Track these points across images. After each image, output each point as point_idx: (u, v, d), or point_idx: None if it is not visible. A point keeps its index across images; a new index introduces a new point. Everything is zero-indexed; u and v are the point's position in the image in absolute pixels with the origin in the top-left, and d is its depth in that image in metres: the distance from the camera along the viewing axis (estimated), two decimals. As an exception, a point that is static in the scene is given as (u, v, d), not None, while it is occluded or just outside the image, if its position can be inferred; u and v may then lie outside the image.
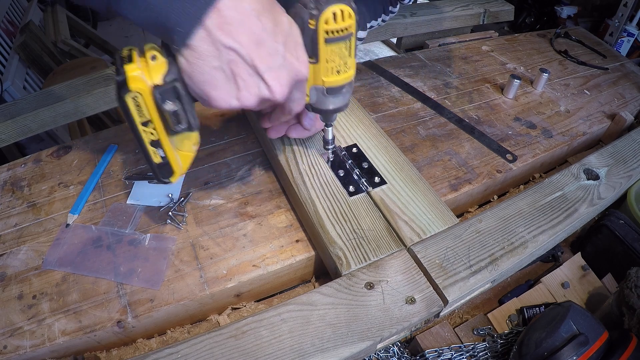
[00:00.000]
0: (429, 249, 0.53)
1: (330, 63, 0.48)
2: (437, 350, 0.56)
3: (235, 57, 0.39)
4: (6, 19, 2.12)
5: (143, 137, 0.44)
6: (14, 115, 0.83)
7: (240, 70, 0.40)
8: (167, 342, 0.54)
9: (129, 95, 0.40)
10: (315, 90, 0.51)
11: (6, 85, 1.81)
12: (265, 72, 0.41)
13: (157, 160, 0.47)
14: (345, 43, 0.46)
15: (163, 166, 0.48)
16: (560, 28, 1.20)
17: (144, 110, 0.42)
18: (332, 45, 0.46)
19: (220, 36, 0.37)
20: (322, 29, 0.44)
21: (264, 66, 0.40)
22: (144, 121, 0.43)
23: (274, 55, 0.41)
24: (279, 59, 0.41)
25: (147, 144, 0.45)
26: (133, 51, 0.41)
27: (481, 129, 0.82)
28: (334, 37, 0.45)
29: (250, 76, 0.41)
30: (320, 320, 0.46)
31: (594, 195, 0.63)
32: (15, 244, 0.59)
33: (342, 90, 0.51)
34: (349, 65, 0.49)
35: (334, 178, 0.62)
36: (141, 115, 0.42)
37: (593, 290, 0.64)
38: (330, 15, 0.44)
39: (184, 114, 0.43)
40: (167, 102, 0.41)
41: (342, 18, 0.44)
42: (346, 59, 0.48)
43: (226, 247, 0.59)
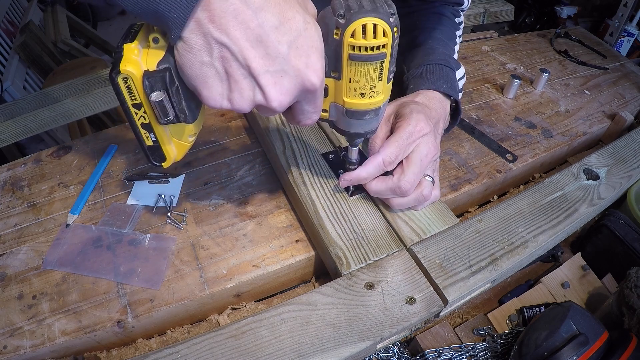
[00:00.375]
0: (429, 249, 0.53)
1: (354, 83, 0.41)
2: (437, 350, 0.56)
3: (228, 54, 0.35)
4: (6, 19, 2.12)
5: (134, 118, 0.41)
6: (14, 115, 0.83)
7: (233, 69, 0.36)
8: (167, 342, 0.54)
9: (119, 76, 0.37)
10: (335, 108, 0.45)
11: (6, 85, 1.81)
12: (260, 76, 0.36)
13: (149, 143, 0.43)
14: (374, 65, 0.39)
15: (154, 150, 0.44)
16: (560, 28, 1.20)
17: (135, 93, 0.39)
18: (358, 65, 0.39)
19: (212, 29, 0.33)
20: (346, 42, 0.38)
21: (260, 68, 0.36)
22: (135, 103, 0.40)
23: (275, 57, 0.35)
24: (280, 62, 0.36)
25: (138, 125, 0.41)
26: (142, 28, 0.39)
27: (481, 129, 0.82)
28: (360, 54, 0.39)
29: (243, 77, 0.36)
30: (320, 320, 0.46)
31: (594, 195, 0.63)
32: (15, 244, 0.59)
33: (364, 115, 0.44)
34: (378, 91, 0.42)
35: (334, 178, 0.62)
36: (132, 97, 0.39)
37: (593, 290, 0.64)
38: (359, 28, 0.37)
39: (171, 106, 0.39)
40: (155, 91, 0.37)
41: (373, 34, 0.38)
42: (374, 83, 0.41)
43: (226, 247, 0.59)
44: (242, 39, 0.34)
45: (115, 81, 0.38)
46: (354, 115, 0.44)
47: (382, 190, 0.54)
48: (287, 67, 0.36)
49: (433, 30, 0.70)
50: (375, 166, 0.52)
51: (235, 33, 0.34)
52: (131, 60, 0.37)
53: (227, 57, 0.35)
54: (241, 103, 0.38)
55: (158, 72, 0.37)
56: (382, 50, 0.39)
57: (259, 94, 0.37)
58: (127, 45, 0.37)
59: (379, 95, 0.43)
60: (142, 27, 0.39)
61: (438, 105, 0.60)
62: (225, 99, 0.38)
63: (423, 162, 0.53)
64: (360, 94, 0.42)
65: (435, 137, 0.55)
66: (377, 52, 0.39)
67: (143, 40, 0.38)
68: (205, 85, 0.37)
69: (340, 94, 0.43)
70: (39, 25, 2.25)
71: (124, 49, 0.37)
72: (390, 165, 0.52)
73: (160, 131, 0.42)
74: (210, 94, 0.37)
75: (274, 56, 0.36)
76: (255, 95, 0.37)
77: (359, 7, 0.37)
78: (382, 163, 0.52)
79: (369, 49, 0.38)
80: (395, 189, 0.53)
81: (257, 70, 0.36)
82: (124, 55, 0.37)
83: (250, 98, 0.38)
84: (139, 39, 0.38)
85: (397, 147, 0.52)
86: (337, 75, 0.42)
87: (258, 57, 0.35)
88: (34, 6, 2.34)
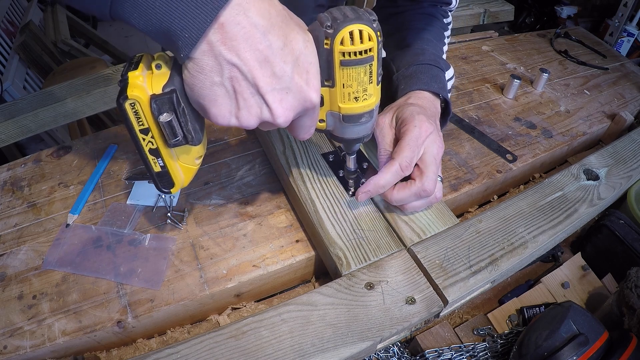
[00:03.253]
0: (429, 249, 0.53)
1: (347, 88, 0.44)
2: (437, 350, 0.56)
3: (238, 74, 0.37)
4: (6, 19, 2.12)
5: (142, 144, 0.43)
6: (14, 115, 0.83)
7: (242, 88, 0.38)
8: (167, 342, 0.54)
9: (127, 102, 0.39)
10: (331, 116, 0.47)
11: (6, 85, 1.81)
12: (267, 94, 0.38)
13: (157, 169, 0.45)
14: (364, 67, 0.42)
15: (163, 175, 0.46)
16: (560, 28, 1.20)
17: (142, 118, 0.41)
18: (349, 69, 0.42)
19: (223, 51, 0.35)
20: (337, 50, 0.41)
21: (268, 87, 0.38)
22: (142, 129, 0.41)
23: (280, 76, 0.38)
24: (285, 81, 0.38)
25: (146, 152, 0.43)
26: (143, 57, 0.41)
27: (481, 129, 0.82)
28: (350, 59, 0.41)
29: (252, 95, 0.38)
30: (321, 320, 0.46)
31: (594, 195, 0.63)
32: (15, 244, 0.59)
33: (360, 119, 0.47)
34: (370, 93, 0.45)
35: (334, 178, 0.62)
36: (140, 122, 0.41)
37: (593, 290, 0.64)
38: (347, 35, 0.40)
39: (179, 127, 0.41)
40: (163, 113, 0.39)
41: (360, 39, 0.40)
42: (365, 86, 0.44)
43: (226, 247, 0.59)
44: (252, 60, 0.36)
45: (122, 107, 0.39)
46: (351, 119, 0.47)
47: (406, 196, 0.54)
48: (291, 85, 0.39)
49: (422, 30, 0.70)
50: (393, 173, 0.52)
51: (245, 54, 0.36)
52: (137, 86, 0.39)
53: (237, 77, 0.37)
54: (249, 120, 0.40)
55: (165, 94, 0.39)
56: (370, 54, 0.42)
57: (266, 111, 0.39)
58: (132, 72, 0.39)
59: (372, 98, 0.45)
60: (142, 57, 0.41)
61: (431, 104, 0.61)
62: (234, 116, 0.39)
63: (437, 161, 0.55)
64: (354, 97, 0.45)
65: (439, 134, 0.56)
66: (365, 55, 0.41)
67: (145, 68, 0.40)
68: (215, 104, 0.39)
69: (335, 100, 0.45)
70: (39, 25, 2.25)
71: (129, 76, 0.39)
72: (408, 169, 0.53)
73: (167, 156, 0.44)
74: (220, 112, 0.39)
75: (279, 75, 0.38)
76: (262, 112, 0.39)
77: (344, 16, 0.40)
78: (399, 168, 0.52)
79: (357, 53, 0.41)
80: (421, 192, 0.53)
81: (265, 89, 0.38)
82: (129, 82, 0.39)
83: (258, 115, 0.40)
84: (141, 67, 0.40)
85: (411, 150, 0.53)
86: (330, 83, 0.44)
87: (266, 77, 0.37)
88: (34, 6, 2.34)
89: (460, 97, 0.90)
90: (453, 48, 1.09)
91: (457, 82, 0.95)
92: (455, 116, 0.84)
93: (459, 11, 1.26)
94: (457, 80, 0.96)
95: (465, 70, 1.00)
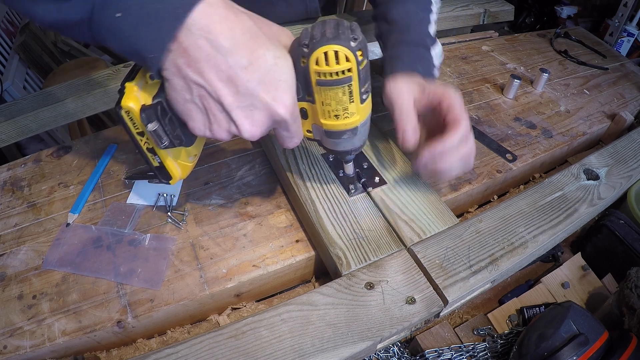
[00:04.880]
0: (429, 249, 0.53)
1: (327, 106, 0.44)
2: (437, 350, 0.56)
3: (205, 93, 0.39)
4: (6, 19, 2.12)
5: (140, 144, 0.47)
6: (14, 115, 0.83)
7: (211, 105, 0.40)
8: (167, 342, 0.54)
9: (122, 110, 0.43)
10: (316, 129, 0.48)
11: (6, 85, 1.81)
12: (233, 111, 0.40)
13: (155, 164, 0.49)
14: (342, 88, 0.42)
15: (161, 169, 0.50)
16: (560, 28, 1.20)
17: (137, 123, 0.44)
18: (326, 89, 0.42)
19: (189, 73, 0.38)
20: (312, 70, 0.41)
21: (233, 105, 0.40)
22: (138, 132, 0.45)
23: (244, 94, 0.39)
24: (249, 98, 0.39)
25: (144, 150, 0.48)
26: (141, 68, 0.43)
27: (481, 129, 0.82)
28: (326, 79, 0.41)
29: (219, 112, 0.40)
30: (321, 320, 0.46)
31: (594, 195, 0.63)
32: (15, 244, 0.59)
33: (342, 135, 0.47)
34: (351, 112, 0.44)
35: (334, 178, 0.62)
36: (135, 127, 0.45)
37: (593, 290, 0.64)
38: (322, 55, 0.40)
39: (165, 134, 0.43)
40: (150, 122, 0.42)
41: (335, 60, 0.40)
42: (345, 105, 0.43)
43: (226, 247, 0.59)
44: (215, 80, 0.38)
45: (119, 114, 0.43)
46: (333, 135, 0.47)
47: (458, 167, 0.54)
48: (256, 102, 0.40)
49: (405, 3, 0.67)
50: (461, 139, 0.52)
51: (209, 75, 0.38)
52: (131, 97, 0.42)
53: (204, 95, 0.39)
54: (220, 133, 0.43)
55: (152, 106, 0.42)
56: (348, 74, 0.41)
57: (233, 126, 0.42)
58: (129, 83, 0.42)
59: (354, 116, 0.45)
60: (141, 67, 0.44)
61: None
62: (208, 129, 0.43)
63: None
64: (335, 115, 0.45)
65: None
66: (342, 76, 0.41)
67: (142, 78, 0.43)
68: (191, 118, 0.42)
69: (316, 116, 0.46)
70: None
71: (126, 87, 0.42)
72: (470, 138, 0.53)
73: (162, 154, 0.48)
74: (195, 124, 0.42)
75: (243, 93, 0.39)
76: (230, 127, 0.42)
77: (322, 35, 0.40)
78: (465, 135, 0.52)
79: (333, 74, 0.41)
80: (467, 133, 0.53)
81: (230, 106, 0.40)
82: (125, 92, 0.42)
83: (227, 129, 0.42)
84: (138, 77, 0.43)
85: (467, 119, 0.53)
86: (311, 99, 0.44)
87: (229, 95, 0.39)
88: (34, 6, 2.34)
89: (460, 97, 0.90)
90: (453, 48, 1.09)
91: (457, 82, 0.95)
92: (455, 116, 0.84)
93: (459, 11, 1.26)
94: (457, 80, 0.96)
95: (465, 70, 1.00)
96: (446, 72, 0.98)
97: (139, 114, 0.42)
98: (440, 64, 0.68)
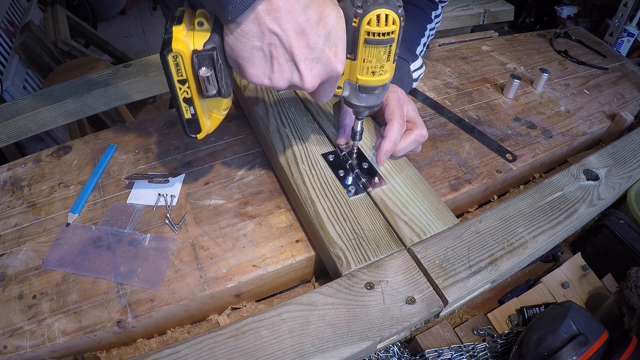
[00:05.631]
0: (429, 249, 0.53)
1: (367, 63, 0.48)
2: (437, 350, 0.56)
3: (277, 41, 0.41)
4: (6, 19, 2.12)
5: (178, 93, 0.47)
6: (14, 115, 0.83)
7: (279, 54, 0.42)
8: (167, 342, 0.54)
9: (170, 54, 0.42)
10: (349, 84, 0.52)
11: (6, 85, 1.81)
12: (300, 62, 0.43)
13: (188, 116, 0.49)
14: (384, 47, 0.46)
15: (192, 122, 0.50)
16: (560, 28, 1.20)
17: (182, 70, 0.44)
18: (371, 47, 0.46)
19: (267, 21, 0.39)
20: (363, 29, 0.45)
21: (301, 55, 0.42)
22: (180, 79, 0.45)
23: (313, 47, 0.42)
24: (317, 52, 0.43)
25: (180, 100, 0.47)
26: (185, 13, 0.44)
27: (481, 129, 0.82)
28: (374, 39, 0.45)
29: (286, 61, 0.43)
30: (321, 320, 0.46)
31: (593, 195, 0.63)
32: (15, 244, 0.59)
33: (374, 91, 0.51)
34: (386, 69, 0.49)
35: (334, 178, 0.62)
36: (179, 74, 0.44)
37: (593, 290, 0.64)
38: (374, 17, 0.44)
39: (215, 81, 0.45)
40: (202, 67, 0.43)
41: (385, 22, 0.44)
42: (383, 63, 0.48)
43: (226, 247, 0.59)
44: (291, 31, 0.41)
45: (165, 59, 0.43)
46: (366, 90, 0.51)
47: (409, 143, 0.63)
48: (321, 56, 0.44)
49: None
50: (397, 129, 0.61)
51: (286, 25, 0.40)
52: (180, 41, 0.42)
53: (276, 44, 0.41)
54: (280, 82, 0.45)
55: (206, 51, 0.43)
56: (392, 36, 0.46)
57: (297, 76, 0.44)
58: (176, 27, 0.42)
59: (387, 73, 0.50)
60: (184, 13, 0.44)
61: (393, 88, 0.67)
62: (267, 77, 0.44)
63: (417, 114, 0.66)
64: (372, 72, 0.49)
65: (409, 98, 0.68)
66: (387, 37, 0.46)
67: (188, 23, 0.43)
68: (252, 65, 0.43)
69: (354, 72, 0.50)
70: (39, 25, 2.25)
71: (174, 30, 0.42)
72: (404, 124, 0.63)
73: (199, 105, 0.48)
74: (255, 72, 0.44)
75: (313, 46, 0.43)
76: (293, 77, 0.45)
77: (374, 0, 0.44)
78: (399, 125, 0.61)
79: (381, 34, 0.45)
80: (419, 138, 0.64)
81: (299, 57, 0.43)
82: (173, 36, 0.42)
83: (289, 78, 0.45)
84: (184, 22, 0.43)
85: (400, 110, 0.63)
86: (352, 56, 0.48)
87: (301, 47, 0.42)
88: (34, 6, 2.34)
89: (460, 97, 0.90)
90: (453, 48, 1.09)
91: (457, 82, 0.95)
92: (455, 116, 0.84)
93: (459, 11, 1.26)
94: (457, 80, 0.96)
95: (465, 70, 1.00)
96: (446, 72, 0.98)
97: (190, 58, 0.42)
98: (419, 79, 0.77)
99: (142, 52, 3.02)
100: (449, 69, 1.00)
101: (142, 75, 0.92)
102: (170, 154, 0.73)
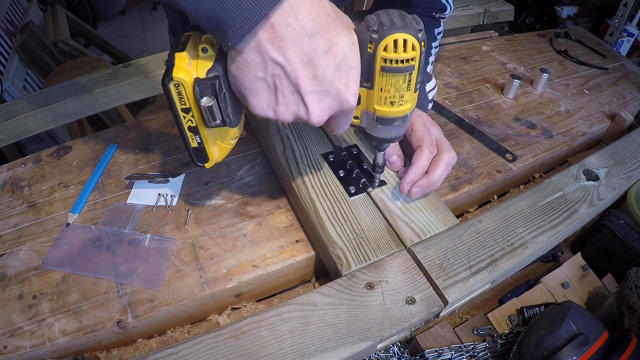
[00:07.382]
0: (429, 250, 0.53)
1: (385, 93, 0.44)
2: (437, 350, 0.56)
3: (281, 72, 0.38)
4: (6, 19, 2.12)
5: (182, 122, 0.44)
6: (14, 115, 0.83)
7: (283, 86, 0.39)
8: (167, 342, 0.54)
9: (172, 82, 0.40)
10: (366, 115, 0.48)
11: (6, 85, 1.81)
12: (307, 94, 0.39)
13: (194, 145, 0.47)
14: (403, 75, 0.43)
15: (199, 151, 0.47)
16: (560, 28, 1.20)
17: (184, 98, 0.42)
18: (389, 76, 0.43)
19: (270, 50, 0.36)
20: (379, 56, 0.41)
21: (308, 88, 0.39)
22: (184, 108, 0.43)
23: (321, 79, 0.39)
24: (325, 84, 0.40)
25: (185, 128, 0.45)
26: (190, 38, 0.42)
27: (481, 129, 0.82)
28: (391, 67, 0.42)
29: (291, 94, 0.40)
30: (321, 320, 0.46)
31: (593, 195, 0.63)
32: (15, 244, 0.59)
33: (393, 122, 0.48)
34: (406, 99, 0.45)
35: (334, 178, 0.62)
36: (182, 102, 0.42)
37: (593, 290, 0.64)
38: (391, 42, 0.40)
39: (219, 111, 0.42)
40: (204, 97, 0.41)
41: (403, 48, 0.41)
42: (403, 92, 0.44)
43: (226, 247, 0.59)
44: (296, 61, 0.37)
45: (167, 87, 0.41)
46: (384, 122, 0.47)
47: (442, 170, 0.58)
48: (330, 88, 0.40)
49: None
50: (427, 156, 0.58)
51: (291, 55, 0.37)
52: (182, 68, 0.40)
53: (280, 75, 0.38)
54: (285, 115, 0.41)
55: (208, 80, 0.40)
56: (412, 63, 0.42)
57: (303, 110, 0.41)
58: (179, 54, 0.40)
59: (407, 104, 0.46)
60: (190, 38, 0.42)
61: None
62: (271, 109, 0.41)
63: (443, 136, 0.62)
64: (390, 102, 0.45)
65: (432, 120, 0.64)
66: (406, 64, 0.42)
67: (192, 49, 0.41)
68: (255, 96, 0.40)
69: (371, 102, 0.46)
70: (39, 25, 2.25)
71: (176, 57, 0.40)
72: (434, 149, 0.59)
73: (205, 134, 0.46)
74: (259, 103, 0.41)
75: (321, 78, 0.39)
76: (299, 110, 0.41)
77: (391, 23, 0.41)
78: (429, 152, 0.58)
79: (399, 61, 0.41)
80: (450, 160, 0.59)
81: (305, 90, 0.39)
82: (175, 63, 0.40)
83: (294, 112, 0.41)
84: (188, 49, 0.40)
85: (428, 135, 0.59)
86: (369, 85, 0.45)
87: (307, 78, 0.39)
88: (34, 6, 2.34)
89: (460, 97, 0.90)
90: (453, 48, 1.09)
91: (457, 82, 0.95)
92: (455, 116, 0.84)
93: (459, 11, 1.26)
94: (457, 80, 0.96)
95: (465, 70, 1.00)
96: (446, 72, 0.98)
97: (192, 87, 0.40)
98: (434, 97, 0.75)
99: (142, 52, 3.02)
100: (449, 69, 1.00)
101: (142, 75, 0.92)
102: (170, 154, 0.73)
